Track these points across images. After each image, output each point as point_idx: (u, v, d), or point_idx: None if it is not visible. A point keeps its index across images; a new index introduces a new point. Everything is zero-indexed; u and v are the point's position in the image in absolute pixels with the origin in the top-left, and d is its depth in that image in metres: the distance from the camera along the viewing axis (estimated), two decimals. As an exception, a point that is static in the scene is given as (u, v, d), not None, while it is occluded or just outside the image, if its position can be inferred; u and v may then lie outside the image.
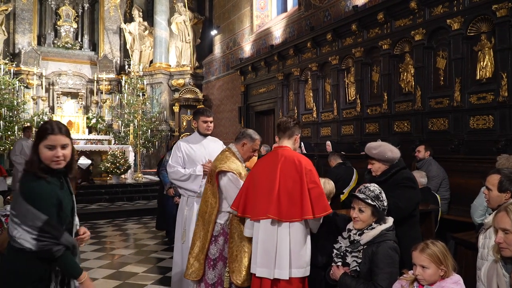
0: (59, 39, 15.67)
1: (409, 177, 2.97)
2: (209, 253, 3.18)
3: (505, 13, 5.38)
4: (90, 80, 15.60)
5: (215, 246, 3.18)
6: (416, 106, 6.70)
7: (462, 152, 5.98)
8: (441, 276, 2.12)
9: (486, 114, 5.74)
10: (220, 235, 3.19)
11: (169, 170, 3.98)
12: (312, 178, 2.76)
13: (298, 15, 10.14)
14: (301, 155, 2.96)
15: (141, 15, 15.77)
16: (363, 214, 2.52)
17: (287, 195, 2.74)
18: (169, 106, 15.09)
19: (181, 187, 3.95)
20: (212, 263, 3.17)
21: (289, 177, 2.77)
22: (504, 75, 5.41)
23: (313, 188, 2.73)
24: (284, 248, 2.71)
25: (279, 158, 2.85)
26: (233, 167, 3.16)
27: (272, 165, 2.87)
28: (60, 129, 2.02)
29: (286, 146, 2.93)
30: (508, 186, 2.56)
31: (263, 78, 11.51)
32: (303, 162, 2.80)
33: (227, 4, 13.70)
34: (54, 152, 1.99)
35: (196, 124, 4.08)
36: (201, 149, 3.99)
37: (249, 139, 3.30)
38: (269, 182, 2.81)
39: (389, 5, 7.06)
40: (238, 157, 3.30)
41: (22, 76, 14.13)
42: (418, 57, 6.72)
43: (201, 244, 3.19)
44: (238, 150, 3.32)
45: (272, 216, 2.73)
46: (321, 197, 2.73)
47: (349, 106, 8.37)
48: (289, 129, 2.95)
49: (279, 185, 2.77)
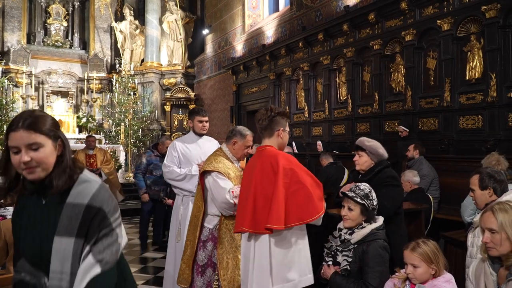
0: (49, 37, 15.49)
1: (393, 175, 2.97)
2: (197, 259, 3.05)
3: (494, 14, 5.44)
4: (81, 79, 15.45)
5: (203, 252, 3.04)
6: (407, 106, 6.75)
7: (452, 152, 6.04)
8: (432, 275, 2.13)
9: (476, 114, 5.81)
10: (208, 240, 3.04)
11: (165, 169, 3.93)
12: (296, 178, 2.38)
13: (290, 15, 10.15)
14: (282, 153, 2.56)
15: (132, 13, 15.65)
16: (352, 212, 2.52)
17: (263, 202, 2.40)
18: (160, 105, 15.01)
19: (177, 186, 3.91)
20: (200, 270, 3.03)
21: (266, 181, 2.42)
22: (493, 75, 5.48)
23: (297, 190, 2.36)
24: (263, 263, 2.38)
25: (257, 161, 2.55)
26: (219, 166, 3.00)
27: (250, 170, 2.59)
28: (24, 122, 1.37)
29: (268, 145, 2.59)
30: (488, 183, 2.66)
31: (255, 78, 11.51)
32: (281, 161, 2.41)
33: (219, 3, 13.66)
34: (19, 157, 1.37)
35: (191, 124, 4.03)
36: (197, 148, 3.95)
37: (239, 136, 3.12)
38: (246, 189, 2.54)
39: (380, 5, 7.11)
40: (229, 157, 3.14)
41: (11, 74, 13.95)
42: (409, 58, 6.77)
43: (190, 249, 3.09)
44: (229, 149, 3.17)
45: (245, 229, 2.44)
46: (308, 199, 2.35)
47: (341, 106, 8.40)
48: (267, 125, 2.59)
49: (255, 191, 2.45)
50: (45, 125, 1.40)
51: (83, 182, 1.44)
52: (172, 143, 4.08)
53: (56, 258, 1.35)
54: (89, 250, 1.38)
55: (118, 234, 1.44)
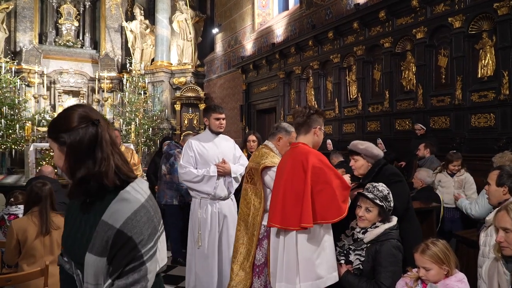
0: (61, 37, 15.65)
1: (394, 172, 2.87)
2: (256, 259, 2.92)
3: (506, 11, 5.38)
4: (92, 78, 15.59)
5: (260, 251, 2.93)
6: (418, 104, 6.71)
7: (464, 150, 5.99)
8: (445, 275, 2.12)
9: (488, 112, 5.76)
10: (264, 238, 2.94)
11: (181, 171, 3.68)
12: (323, 178, 2.40)
13: (300, 13, 10.13)
14: (314, 151, 2.55)
15: (143, 13, 15.75)
16: (370, 213, 2.47)
17: (293, 199, 2.43)
18: (170, 104, 15.09)
19: (194, 189, 3.65)
20: (257, 270, 2.92)
21: (296, 178, 2.45)
22: (505, 73, 5.42)
23: (322, 190, 2.38)
24: (291, 259, 2.40)
25: (289, 158, 2.58)
26: (276, 161, 2.95)
27: (282, 167, 2.61)
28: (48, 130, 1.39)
29: (302, 142, 2.60)
30: (505, 181, 2.66)
31: (265, 77, 11.51)
32: (311, 160, 2.43)
33: (228, 2, 13.69)
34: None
35: (207, 122, 3.79)
36: (214, 148, 3.70)
37: (284, 132, 3.09)
38: (277, 186, 2.57)
39: (391, 3, 7.06)
40: (276, 153, 3.10)
41: (23, 74, 14.12)
42: (420, 55, 6.73)
43: (246, 250, 2.95)
44: (275, 145, 3.11)
45: (273, 224, 2.49)
46: (332, 200, 2.38)
47: (351, 104, 8.38)
48: (304, 122, 2.59)
49: (285, 188, 2.48)
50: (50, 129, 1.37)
51: (122, 200, 1.29)
52: (187, 142, 3.82)
53: (89, 272, 1.27)
54: (111, 284, 1.24)
55: (147, 269, 1.27)
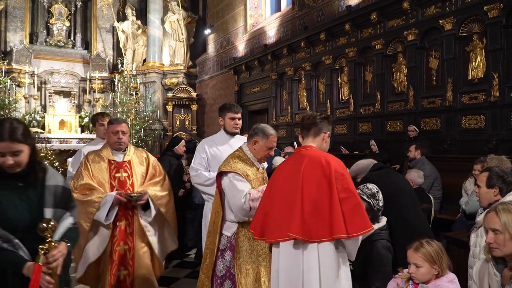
0: (52, 37, 15.51)
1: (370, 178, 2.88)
2: (216, 269, 2.77)
3: (497, 13, 5.43)
4: (83, 78, 15.46)
5: (222, 262, 2.77)
6: (409, 106, 6.74)
7: (454, 152, 6.03)
8: (435, 275, 2.13)
9: (478, 114, 5.80)
10: (226, 249, 2.75)
11: (192, 173, 3.53)
12: (345, 185, 2.16)
13: (292, 15, 10.14)
14: (330, 155, 2.35)
15: (134, 13, 15.67)
16: None
17: (312, 207, 2.15)
18: (162, 105, 15.01)
19: (205, 192, 3.50)
20: (219, 282, 2.76)
21: (315, 183, 2.18)
22: (495, 75, 5.46)
23: (346, 198, 2.13)
24: (313, 277, 2.12)
25: (302, 161, 2.28)
26: (237, 167, 2.73)
27: (293, 170, 2.29)
28: (11, 135, 1.85)
29: (311, 145, 2.39)
30: (495, 182, 2.64)
31: (257, 78, 11.50)
32: (333, 163, 2.20)
33: (220, 3, 13.67)
34: (4, 159, 1.86)
35: (222, 122, 3.58)
36: (228, 150, 3.39)
37: (262, 135, 2.80)
38: (290, 192, 2.24)
39: (382, 5, 7.10)
40: (250, 157, 2.85)
41: (13, 74, 13.97)
42: (411, 57, 6.76)
43: (210, 258, 2.82)
44: (250, 149, 2.86)
45: (294, 235, 2.13)
46: (357, 210, 2.13)
47: (342, 106, 8.40)
48: (315, 125, 2.41)
49: (303, 194, 2.18)
50: (24, 135, 1.89)
51: (50, 170, 2.05)
52: (200, 143, 3.66)
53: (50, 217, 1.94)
54: (70, 214, 2.06)
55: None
